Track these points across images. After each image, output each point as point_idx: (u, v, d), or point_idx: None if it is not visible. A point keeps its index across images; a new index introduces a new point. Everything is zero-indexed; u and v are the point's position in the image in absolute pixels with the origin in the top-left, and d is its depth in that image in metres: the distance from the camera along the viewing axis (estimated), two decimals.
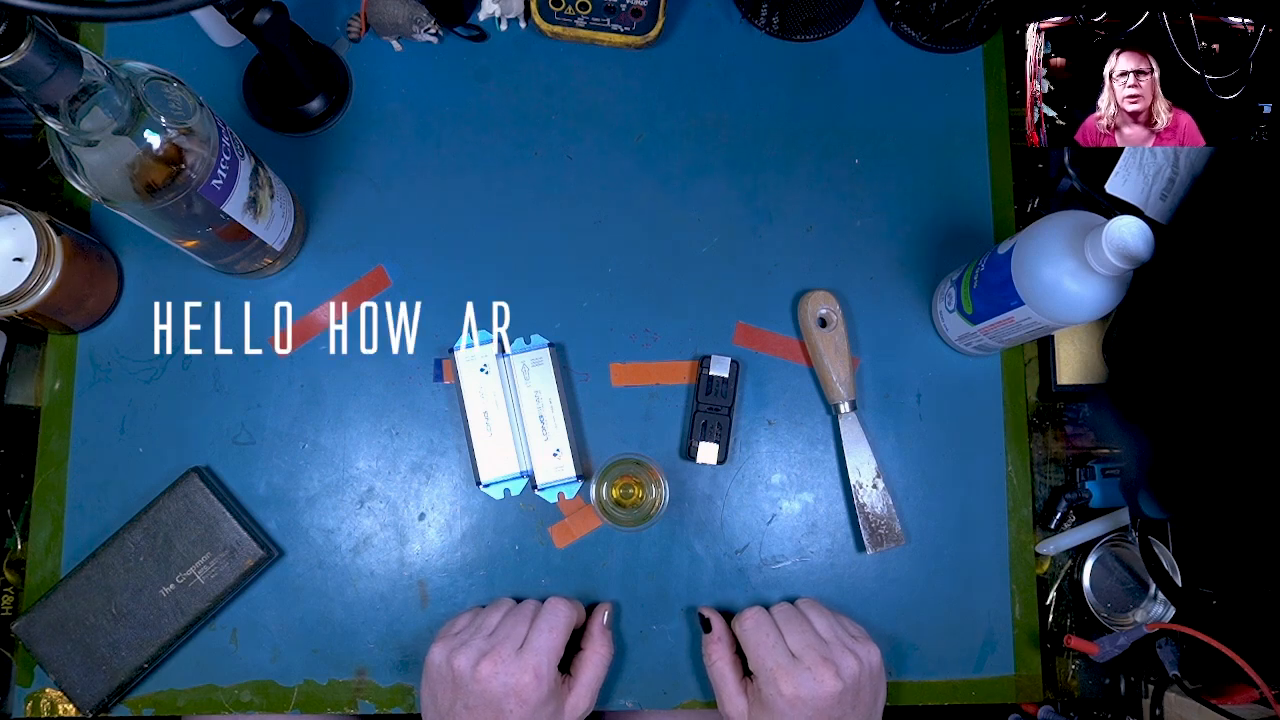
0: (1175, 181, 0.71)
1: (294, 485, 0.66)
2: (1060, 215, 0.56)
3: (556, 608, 0.60)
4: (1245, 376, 0.59)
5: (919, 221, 0.72)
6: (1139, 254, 0.51)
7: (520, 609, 0.61)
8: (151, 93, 0.47)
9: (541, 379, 0.66)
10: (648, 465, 0.64)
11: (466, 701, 0.56)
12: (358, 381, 0.68)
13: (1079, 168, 0.71)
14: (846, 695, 0.56)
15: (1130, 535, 0.68)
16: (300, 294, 0.68)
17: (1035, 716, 0.67)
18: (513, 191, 0.71)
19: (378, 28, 0.70)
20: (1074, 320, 0.56)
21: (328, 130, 0.70)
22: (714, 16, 0.74)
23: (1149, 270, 0.53)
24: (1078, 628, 0.68)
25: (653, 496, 0.63)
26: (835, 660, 0.56)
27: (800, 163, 0.72)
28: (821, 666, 0.56)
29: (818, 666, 0.56)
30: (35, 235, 0.58)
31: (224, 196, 0.53)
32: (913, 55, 0.74)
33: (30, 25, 0.38)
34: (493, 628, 0.59)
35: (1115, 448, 0.70)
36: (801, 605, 0.63)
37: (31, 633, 0.61)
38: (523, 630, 0.58)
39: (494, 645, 0.57)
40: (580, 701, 0.59)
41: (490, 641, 0.57)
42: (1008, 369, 0.70)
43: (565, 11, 0.70)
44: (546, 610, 0.60)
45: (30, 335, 0.67)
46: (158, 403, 0.66)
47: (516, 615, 0.60)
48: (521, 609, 0.61)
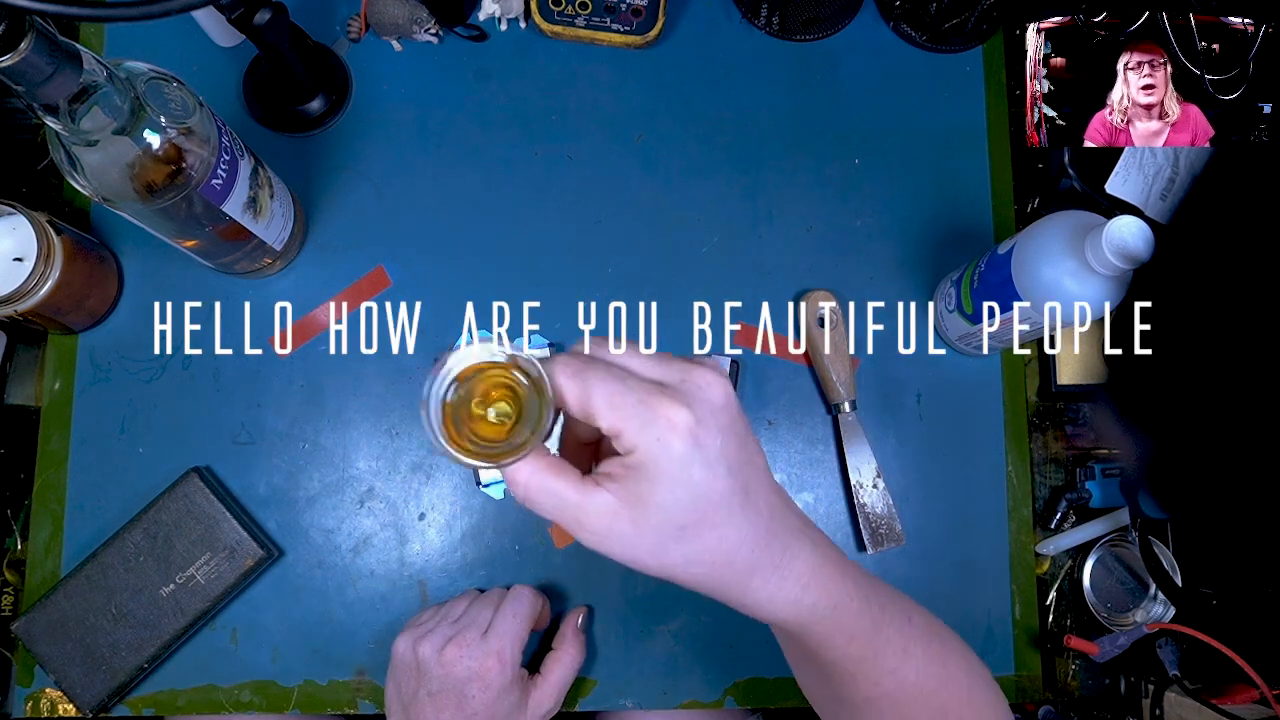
0: (1175, 181, 0.71)
1: (294, 485, 0.66)
2: (1060, 215, 0.56)
3: (521, 594, 0.60)
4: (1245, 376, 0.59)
5: (919, 221, 0.72)
6: (1139, 254, 0.51)
7: (485, 596, 0.61)
8: (151, 93, 0.47)
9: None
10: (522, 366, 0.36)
11: (430, 688, 0.56)
12: (358, 381, 0.68)
13: (1079, 168, 0.71)
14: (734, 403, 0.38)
15: (1130, 535, 0.68)
16: (300, 294, 0.68)
17: (1035, 716, 0.67)
18: (513, 191, 0.71)
19: (378, 28, 0.70)
20: (1074, 320, 0.56)
21: (328, 130, 0.70)
22: (714, 16, 0.74)
23: (1149, 270, 0.52)
24: (1078, 628, 0.68)
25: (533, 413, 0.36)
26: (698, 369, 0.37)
27: (800, 163, 0.72)
28: (698, 375, 0.36)
29: (692, 374, 0.36)
30: (35, 235, 0.58)
31: (224, 196, 0.53)
32: (913, 55, 0.74)
33: (30, 25, 0.38)
34: (458, 615, 0.59)
35: (1115, 448, 0.70)
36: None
37: (31, 633, 0.61)
38: (488, 616, 0.58)
39: (459, 630, 0.57)
40: (545, 699, 0.59)
41: (455, 628, 0.57)
42: (1008, 369, 0.70)
43: (565, 11, 0.70)
44: (511, 597, 0.60)
45: (30, 335, 0.67)
46: (158, 403, 0.66)
47: (481, 602, 0.60)
48: (486, 596, 0.61)
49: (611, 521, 0.35)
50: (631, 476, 0.35)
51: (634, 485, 0.35)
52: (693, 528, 0.35)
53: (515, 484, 0.36)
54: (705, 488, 0.35)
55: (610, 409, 0.35)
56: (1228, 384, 0.60)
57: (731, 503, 0.36)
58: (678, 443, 0.34)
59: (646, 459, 0.34)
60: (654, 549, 0.36)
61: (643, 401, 0.34)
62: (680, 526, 0.35)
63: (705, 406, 0.35)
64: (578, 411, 0.35)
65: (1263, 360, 0.58)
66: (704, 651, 0.66)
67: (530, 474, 0.36)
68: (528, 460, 0.36)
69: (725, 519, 0.36)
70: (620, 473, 0.35)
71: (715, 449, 0.35)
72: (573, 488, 0.36)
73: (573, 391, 0.35)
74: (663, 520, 0.35)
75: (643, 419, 0.34)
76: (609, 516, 0.35)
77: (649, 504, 0.35)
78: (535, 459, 0.36)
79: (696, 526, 0.35)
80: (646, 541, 0.35)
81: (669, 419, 0.34)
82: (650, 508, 0.35)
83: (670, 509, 0.35)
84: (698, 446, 0.35)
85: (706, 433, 0.35)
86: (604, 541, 0.36)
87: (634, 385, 0.35)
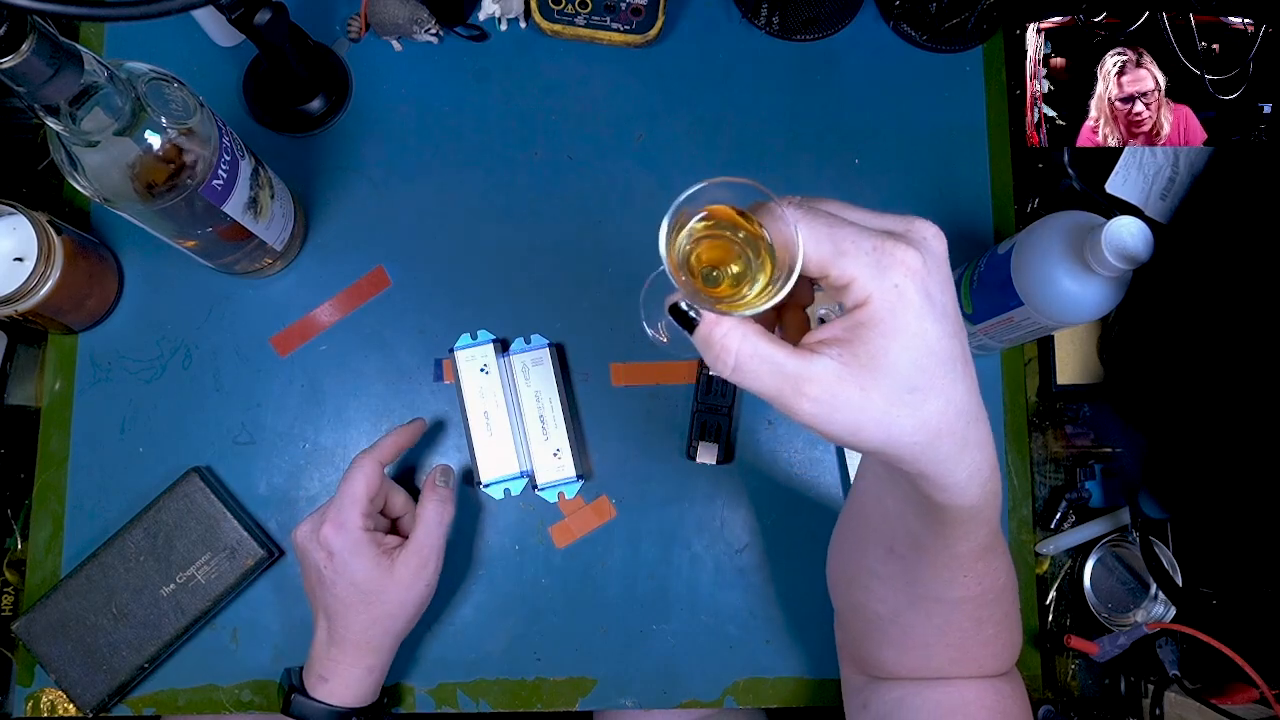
0: (1175, 181, 0.71)
1: (294, 485, 0.66)
2: (1060, 215, 0.56)
3: (357, 461, 0.58)
4: (1244, 376, 0.59)
5: None
6: (1139, 254, 0.51)
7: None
8: (152, 93, 0.47)
9: (541, 379, 0.66)
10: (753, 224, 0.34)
11: (303, 571, 0.59)
12: (358, 381, 0.68)
13: (1079, 168, 0.71)
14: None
15: (1130, 535, 0.68)
16: (300, 294, 0.68)
17: (1036, 716, 0.67)
18: (513, 191, 0.71)
19: (378, 28, 0.70)
20: (1074, 320, 0.56)
21: (328, 130, 0.70)
22: (714, 16, 0.74)
23: (1149, 270, 0.52)
24: (1078, 627, 0.68)
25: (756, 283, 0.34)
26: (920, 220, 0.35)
27: (800, 162, 0.72)
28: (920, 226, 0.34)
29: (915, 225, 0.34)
30: (35, 235, 0.58)
31: (224, 196, 0.53)
32: (913, 55, 0.74)
33: (31, 26, 0.38)
34: None
35: (1115, 448, 0.70)
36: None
37: (32, 632, 0.61)
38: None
39: (316, 510, 0.59)
40: (412, 558, 0.57)
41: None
42: (1008, 369, 0.70)
43: (565, 10, 0.70)
44: (350, 466, 0.59)
45: (30, 335, 0.67)
46: (158, 403, 0.66)
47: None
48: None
49: (837, 387, 0.32)
50: (860, 335, 0.32)
51: (863, 345, 0.32)
52: (922, 391, 0.32)
53: (725, 352, 0.33)
54: (936, 345, 0.32)
55: (841, 255, 0.32)
56: (1226, 383, 0.60)
57: (955, 366, 0.33)
58: (914, 291, 0.31)
59: (881, 310, 0.31)
60: (881, 417, 0.32)
61: (877, 248, 0.32)
62: (911, 388, 0.32)
63: (933, 258, 0.33)
64: (812, 260, 0.32)
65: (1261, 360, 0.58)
66: (704, 651, 0.66)
67: (742, 340, 0.32)
68: (737, 325, 0.33)
69: (950, 384, 0.33)
70: (843, 336, 0.32)
71: (941, 305, 0.33)
72: (789, 355, 0.32)
73: (809, 239, 0.32)
74: (894, 382, 0.32)
75: (879, 265, 0.31)
76: (834, 382, 0.32)
77: (880, 363, 0.32)
78: (745, 325, 0.33)
79: (925, 391, 0.32)
80: (874, 408, 0.32)
81: (905, 263, 0.31)
82: (881, 368, 0.32)
83: (903, 368, 0.32)
84: (929, 299, 0.32)
85: (935, 286, 0.32)
86: (827, 412, 0.32)
87: (867, 232, 0.32)
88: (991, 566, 0.42)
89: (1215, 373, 0.61)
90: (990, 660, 0.47)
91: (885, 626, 0.47)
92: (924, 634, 0.46)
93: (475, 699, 0.65)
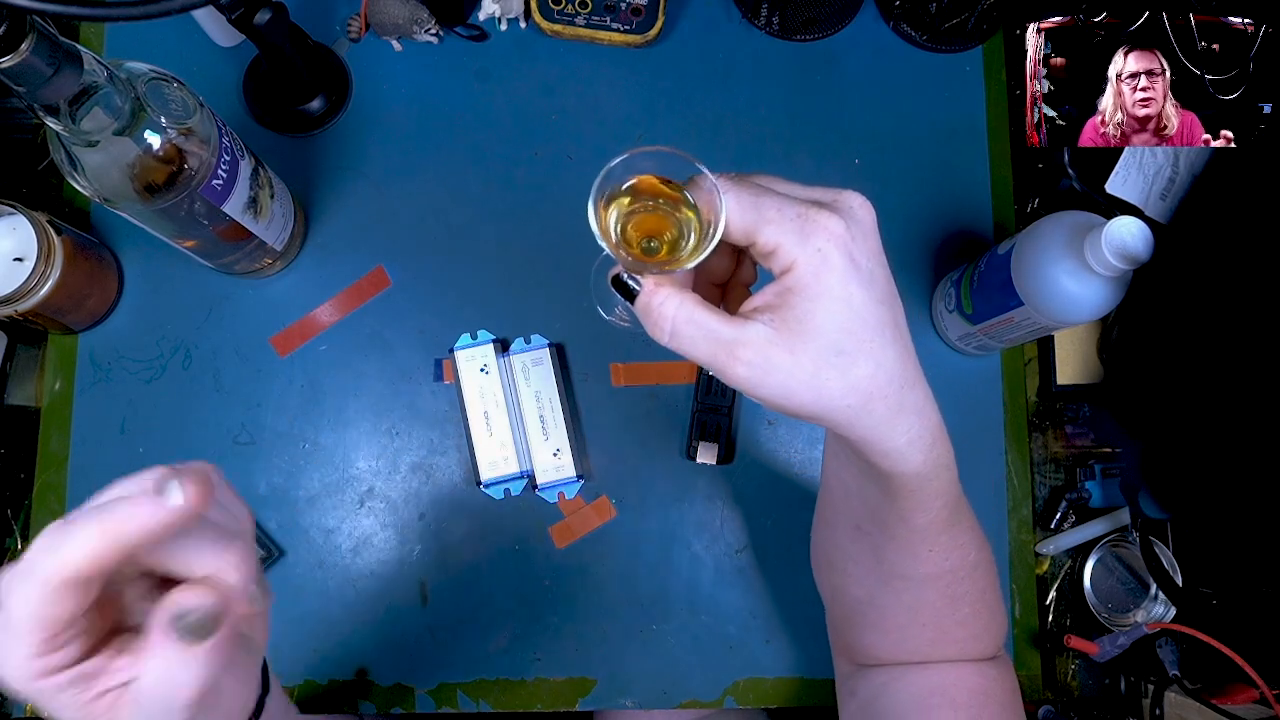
0: (1175, 181, 0.71)
1: (294, 485, 0.66)
2: (1060, 215, 0.56)
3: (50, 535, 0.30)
4: (1244, 376, 0.59)
5: (919, 221, 0.72)
6: (1139, 254, 0.51)
7: None
8: (151, 93, 0.47)
9: (541, 379, 0.66)
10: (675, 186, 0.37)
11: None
12: (358, 381, 0.68)
13: (1079, 168, 0.71)
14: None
15: (1130, 535, 0.68)
16: (300, 294, 0.68)
17: (1036, 716, 0.67)
18: (513, 191, 0.71)
19: (378, 28, 0.70)
20: (1074, 320, 0.56)
21: (328, 130, 0.70)
22: (714, 16, 0.74)
23: (1149, 270, 0.53)
24: (1078, 627, 0.68)
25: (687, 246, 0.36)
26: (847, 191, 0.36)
27: (800, 162, 0.72)
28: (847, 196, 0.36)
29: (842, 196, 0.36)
30: (35, 235, 0.58)
31: (224, 196, 0.53)
32: (913, 55, 0.74)
33: (31, 26, 0.38)
34: None
35: (1115, 448, 0.70)
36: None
37: None
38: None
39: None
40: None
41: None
42: (1008, 369, 0.70)
43: (565, 10, 0.70)
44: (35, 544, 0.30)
45: (30, 335, 0.67)
46: (158, 403, 0.66)
47: None
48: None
49: (768, 351, 0.33)
50: (787, 300, 0.34)
51: (790, 310, 0.33)
52: (849, 354, 0.34)
53: (662, 319, 0.35)
54: (862, 309, 0.34)
55: (765, 222, 0.34)
56: (1226, 383, 0.60)
57: (885, 332, 0.34)
58: (837, 255, 0.33)
59: (806, 274, 0.33)
60: (811, 380, 0.34)
61: (801, 214, 0.33)
62: (838, 351, 0.33)
63: (858, 226, 0.34)
64: (737, 228, 0.34)
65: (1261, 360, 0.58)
66: (704, 651, 0.66)
67: (678, 307, 0.34)
68: (674, 294, 0.34)
69: (880, 348, 0.34)
70: (774, 301, 0.34)
71: (868, 271, 0.34)
72: (723, 321, 0.34)
73: (733, 207, 0.34)
74: (822, 345, 0.33)
75: (803, 231, 0.33)
76: (764, 346, 0.33)
77: (807, 327, 0.33)
78: (682, 293, 0.35)
79: (853, 354, 0.34)
80: (803, 371, 0.33)
81: (828, 229, 0.33)
82: (809, 331, 0.33)
83: (829, 331, 0.33)
84: (854, 264, 0.34)
85: (860, 252, 0.34)
86: (759, 375, 0.34)
87: (792, 200, 0.34)
88: (958, 541, 0.43)
89: (1215, 373, 0.61)
90: (971, 641, 0.47)
91: (864, 610, 0.48)
92: (897, 615, 0.46)
93: (475, 699, 0.65)
